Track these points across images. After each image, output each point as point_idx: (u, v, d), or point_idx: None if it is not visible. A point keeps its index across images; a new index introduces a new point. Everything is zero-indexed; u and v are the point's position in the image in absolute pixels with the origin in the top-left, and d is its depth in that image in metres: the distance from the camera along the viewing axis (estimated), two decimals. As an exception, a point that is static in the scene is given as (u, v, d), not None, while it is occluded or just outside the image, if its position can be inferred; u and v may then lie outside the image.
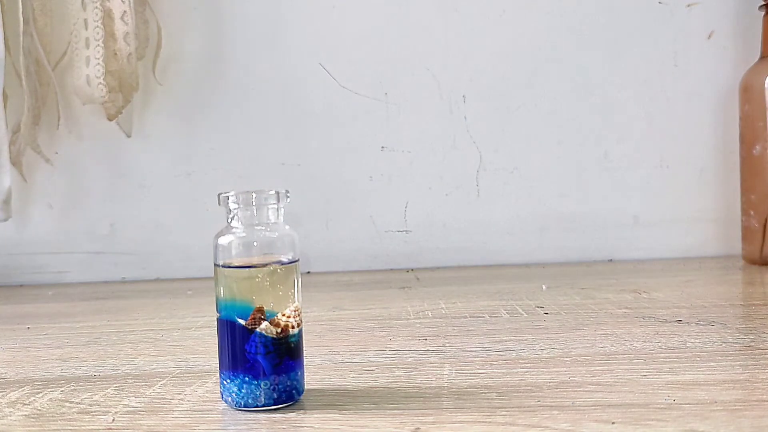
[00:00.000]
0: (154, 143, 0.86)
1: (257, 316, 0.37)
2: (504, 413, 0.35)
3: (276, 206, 0.38)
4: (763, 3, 0.79)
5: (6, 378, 0.45)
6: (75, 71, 0.79)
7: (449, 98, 0.86)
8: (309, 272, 0.86)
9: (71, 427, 0.36)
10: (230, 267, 0.37)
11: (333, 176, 0.87)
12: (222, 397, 0.38)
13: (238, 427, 0.35)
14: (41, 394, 0.41)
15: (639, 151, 0.87)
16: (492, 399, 0.37)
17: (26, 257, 0.87)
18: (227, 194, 0.38)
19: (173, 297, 0.74)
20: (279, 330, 0.37)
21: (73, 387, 0.42)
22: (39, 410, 0.39)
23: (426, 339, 0.51)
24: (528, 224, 0.87)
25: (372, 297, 0.69)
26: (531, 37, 0.86)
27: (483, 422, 0.34)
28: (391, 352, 0.48)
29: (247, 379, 0.37)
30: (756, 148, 0.79)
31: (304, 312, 0.60)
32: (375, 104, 0.86)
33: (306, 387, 0.40)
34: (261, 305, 0.37)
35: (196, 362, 0.47)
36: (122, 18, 0.78)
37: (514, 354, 0.46)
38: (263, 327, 0.37)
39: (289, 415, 0.36)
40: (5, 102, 0.80)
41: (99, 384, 0.43)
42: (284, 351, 0.37)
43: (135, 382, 0.43)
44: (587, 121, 0.86)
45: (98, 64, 0.77)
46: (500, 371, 0.42)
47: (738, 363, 0.43)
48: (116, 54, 0.78)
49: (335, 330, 0.55)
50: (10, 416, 0.38)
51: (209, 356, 0.48)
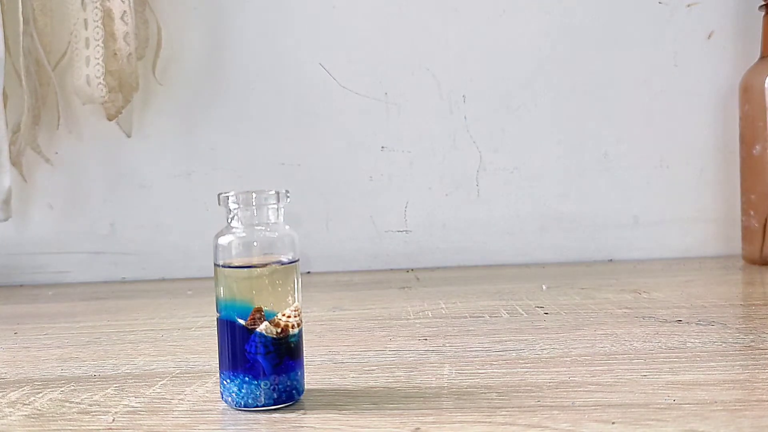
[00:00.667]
0: (154, 143, 0.86)
1: (257, 316, 0.37)
2: (504, 413, 0.35)
3: (276, 206, 0.38)
4: (763, 3, 0.79)
5: (6, 378, 0.45)
6: (75, 71, 0.79)
7: (449, 98, 0.86)
8: (309, 272, 0.86)
9: (71, 427, 0.36)
10: (230, 267, 0.37)
11: (333, 176, 0.87)
12: (222, 397, 0.38)
13: (238, 427, 0.35)
14: (41, 394, 0.41)
15: (639, 151, 0.87)
16: (492, 399, 0.37)
17: (26, 257, 0.87)
18: (227, 194, 0.38)
19: (173, 297, 0.74)
20: (279, 330, 0.37)
21: (73, 387, 0.42)
22: (39, 410, 0.39)
23: (426, 339, 0.51)
24: (528, 224, 0.87)
25: (372, 297, 0.69)
26: (531, 37, 0.86)
27: (483, 422, 0.34)
28: (391, 352, 0.48)
29: (247, 379, 0.37)
30: (756, 148, 0.79)
31: (304, 312, 0.60)
32: (375, 104, 0.86)
33: (306, 387, 0.40)
34: (261, 305, 0.37)
35: (196, 362, 0.47)
36: (122, 18, 0.78)
37: (514, 354, 0.46)
38: (263, 327, 0.37)
39: (289, 415, 0.36)
40: (5, 102, 0.80)
41: (99, 384, 0.43)
42: (284, 351, 0.37)
43: (135, 382, 0.43)
44: (587, 121, 0.86)
45: (98, 64, 0.77)
46: (500, 371, 0.42)
47: (738, 363, 0.43)
48: (116, 54, 0.78)
49: (335, 330, 0.55)
50: (10, 416, 0.38)
51: (209, 356, 0.48)
